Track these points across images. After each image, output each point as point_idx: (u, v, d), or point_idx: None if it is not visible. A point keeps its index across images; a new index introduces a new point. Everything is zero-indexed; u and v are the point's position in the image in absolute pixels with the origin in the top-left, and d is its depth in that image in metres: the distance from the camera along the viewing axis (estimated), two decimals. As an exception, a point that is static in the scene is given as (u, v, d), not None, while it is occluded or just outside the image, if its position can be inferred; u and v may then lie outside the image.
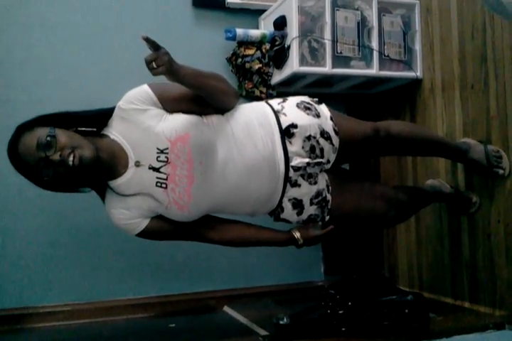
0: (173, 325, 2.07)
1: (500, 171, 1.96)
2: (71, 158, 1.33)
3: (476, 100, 2.07)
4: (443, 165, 2.25)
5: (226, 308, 2.24)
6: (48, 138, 1.34)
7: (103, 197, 1.55)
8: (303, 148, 1.56)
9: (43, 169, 1.34)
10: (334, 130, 1.63)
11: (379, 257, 2.68)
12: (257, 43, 2.36)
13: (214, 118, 1.53)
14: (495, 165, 1.96)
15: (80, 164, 1.34)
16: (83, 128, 1.46)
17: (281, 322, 1.73)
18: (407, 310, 1.73)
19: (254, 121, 1.56)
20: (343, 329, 1.69)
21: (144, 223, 1.51)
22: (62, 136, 1.37)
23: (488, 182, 2.03)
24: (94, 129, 1.49)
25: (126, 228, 1.52)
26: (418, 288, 2.39)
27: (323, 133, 1.59)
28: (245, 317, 2.05)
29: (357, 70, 2.29)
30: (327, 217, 1.67)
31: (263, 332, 1.84)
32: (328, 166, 1.66)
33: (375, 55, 2.29)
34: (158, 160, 1.45)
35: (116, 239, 2.17)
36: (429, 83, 2.34)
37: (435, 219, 2.30)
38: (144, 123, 1.45)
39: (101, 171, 1.44)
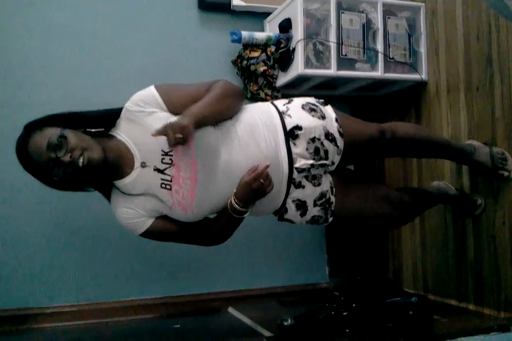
0: (178, 325, 2.07)
1: (505, 173, 1.96)
2: (81, 160, 1.35)
3: (481, 102, 2.07)
4: (448, 167, 2.25)
5: (231, 309, 2.24)
6: (59, 139, 1.35)
7: (109, 197, 1.56)
8: (307, 149, 1.56)
9: (52, 169, 1.35)
10: (339, 132, 1.63)
11: (383, 259, 2.68)
12: (263, 46, 2.37)
13: (219, 120, 1.54)
14: (500, 168, 1.96)
15: (87, 165, 1.36)
16: (92, 129, 1.48)
17: (285, 324, 1.72)
18: (411, 312, 1.73)
19: (258, 121, 1.56)
20: (347, 330, 1.70)
21: (148, 222, 1.51)
22: (73, 138, 1.38)
23: (493, 184, 2.03)
24: (103, 129, 1.51)
25: (130, 227, 1.52)
26: (423, 290, 2.39)
27: (328, 135, 1.59)
28: (250, 319, 2.05)
29: (362, 73, 2.29)
30: (330, 219, 1.67)
31: (267, 334, 1.84)
32: (333, 168, 1.66)
33: (380, 57, 2.29)
34: (162, 162, 1.46)
35: (122, 240, 2.19)
36: (434, 85, 2.34)
37: (440, 221, 2.30)
38: (150, 125, 1.46)
39: (108, 171, 1.46)
